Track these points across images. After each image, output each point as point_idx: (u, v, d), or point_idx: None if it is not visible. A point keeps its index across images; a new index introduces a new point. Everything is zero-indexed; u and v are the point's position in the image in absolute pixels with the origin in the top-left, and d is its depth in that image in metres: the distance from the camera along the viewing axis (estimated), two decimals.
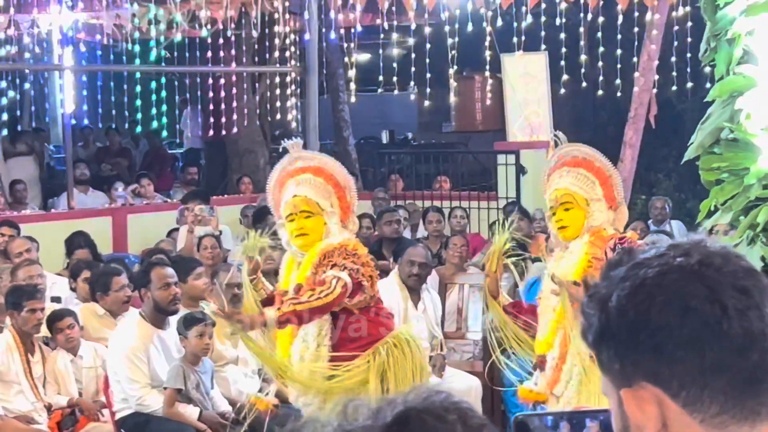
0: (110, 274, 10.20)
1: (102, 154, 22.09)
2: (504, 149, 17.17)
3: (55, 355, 9.19)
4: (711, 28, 5.31)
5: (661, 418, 1.85)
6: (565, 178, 6.98)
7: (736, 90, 5.16)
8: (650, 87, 17.42)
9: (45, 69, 22.71)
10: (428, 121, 26.35)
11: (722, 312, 1.82)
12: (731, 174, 5.23)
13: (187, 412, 8.63)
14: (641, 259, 1.90)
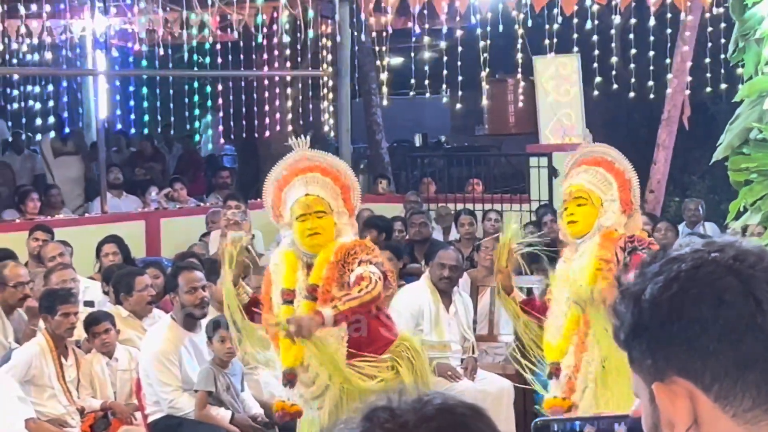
0: (133, 275, 10.23)
1: (135, 159, 22.14)
2: (536, 152, 17.16)
3: (91, 358, 9.22)
4: (739, 28, 5.32)
5: (693, 412, 1.84)
6: (582, 175, 6.93)
7: (765, 90, 5.15)
8: (683, 89, 17.39)
9: (79, 74, 22.79)
10: (461, 125, 26.36)
11: (756, 306, 1.82)
12: (760, 174, 5.22)
13: (219, 415, 8.64)
14: (676, 254, 1.90)
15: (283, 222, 7.30)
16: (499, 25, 16.09)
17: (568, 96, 17.02)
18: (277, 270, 7.30)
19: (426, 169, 20.73)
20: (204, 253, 12.90)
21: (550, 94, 17.11)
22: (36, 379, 8.75)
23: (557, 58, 17.05)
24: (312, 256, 7.19)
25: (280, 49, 18.80)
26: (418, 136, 26.47)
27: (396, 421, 1.62)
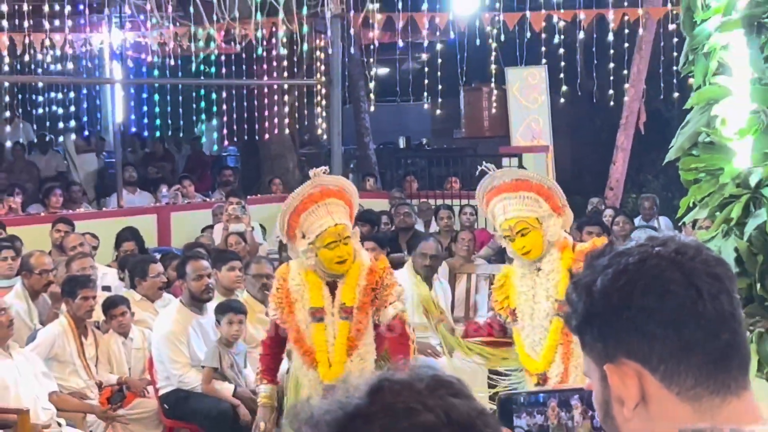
0: (147, 262, 10.24)
1: (148, 159, 22.14)
2: (508, 153, 17.16)
3: (108, 337, 9.22)
4: (689, 43, 5.31)
5: (641, 390, 1.85)
6: (512, 207, 6.63)
7: (712, 98, 5.15)
8: (640, 97, 17.43)
9: (97, 82, 22.78)
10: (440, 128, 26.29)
11: (697, 295, 1.83)
12: (708, 174, 5.22)
13: (222, 389, 8.64)
14: (623, 249, 1.91)
15: (298, 244, 7.04)
16: (476, 40, 16.10)
17: (537, 103, 17.03)
18: (300, 290, 7.05)
19: (409, 169, 20.69)
20: (210, 243, 12.89)
21: (521, 102, 17.13)
22: (59, 356, 8.75)
23: (527, 69, 17.08)
24: (333, 275, 7.04)
25: (278, 61, 18.79)
26: (402, 139, 26.40)
27: (411, 388, 1.62)
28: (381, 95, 21.66)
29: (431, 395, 1.61)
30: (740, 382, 1.86)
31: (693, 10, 5.28)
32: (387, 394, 1.61)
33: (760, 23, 5.03)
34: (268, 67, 19.01)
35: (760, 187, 5.03)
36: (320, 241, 6.87)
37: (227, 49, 19.11)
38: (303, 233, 6.92)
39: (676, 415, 1.84)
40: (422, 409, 1.58)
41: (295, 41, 17.01)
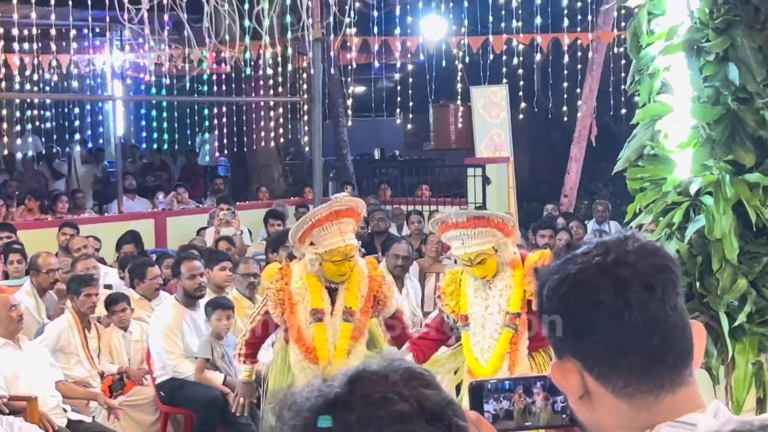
0: (146, 265, 10.20)
1: (146, 168, 22.10)
2: (473, 163, 17.18)
3: (110, 331, 9.19)
4: (636, 65, 5.32)
5: (584, 385, 1.86)
6: (471, 242, 6.54)
7: (656, 115, 5.16)
8: (591, 113, 17.47)
9: (100, 99, 22.73)
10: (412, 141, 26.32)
11: (625, 305, 1.82)
12: (652, 183, 5.23)
13: (214, 378, 8.63)
14: (571, 255, 1.90)
15: (306, 250, 6.96)
16: (443, 61, 16.12)
17: (499, 119, 17.06)
18: (302, 292, 7.00)
19: (383, 178, 20.69)
20: (203, 245, 12.86)
21: (484, 117, 17.15)
22: (64, 348, 8.72)
23: (489, 88, 17.11)
24: (333, 282, 7.02)
25: (264, 80, 18.74)
26: (377, 151, 26.40)
27: (387, 379, 1.62)
28: (358, 111, 21.63)
29: (405, 386, 1.60)
30: (675, 379, 1.84)
31: (639, 35, 5.30)
32: (365, 385, 1.60)
33: (699, 47, 5.05)
34: (256, 85, 18.99)
35: (699, 195, 5.05)
36: (328, 255, 6.85)
37: (218, 69, 19.08)
38: (312, 242, 6.92)
39: (614, 409, 1.85)
40: (398, 398, 1.58)
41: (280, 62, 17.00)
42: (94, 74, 21.28)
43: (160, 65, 18.63)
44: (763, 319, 5.09)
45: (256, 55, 17.36)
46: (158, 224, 15.96)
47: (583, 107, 17.45)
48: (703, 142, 5.05)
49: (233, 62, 16.17)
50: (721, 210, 4.95)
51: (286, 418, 1.61)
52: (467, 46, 16.54)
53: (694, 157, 5.09)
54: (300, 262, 7.04)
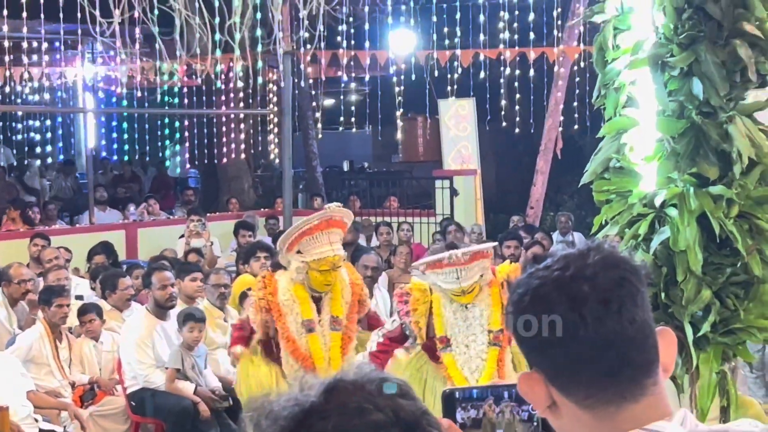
0: (117, 276, 10.14)
1: (117, 180, 22.01)
2: (441, 176, 17.19)
3: (81, 341, 9.13)
4: (602, 79, 5.34)
5: (549, 397, 1.86)
6: (467, 276, 6.51)
7: (621, 128, 5.18)
8: (557, 126, 17.52)
9: (71, 111, 22.65)
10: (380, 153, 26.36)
11: (581, 320, 1.81)
12: (618, 195, 5.25)
13: (184, 388, 8.58)
14: (534, 269, 1.90)
15: (292, 258, 7.04)
16: (412, 74, 16.14)
17: (466, 131, 17.08)
18: (290, 304, 7.04)
19: (352, 189, 20.70)
20: (173, 256, 12.80)
21: (451, 130, 17.17)
22: (36, 359, 8.66)
23: (457, 101, 17.13)
24: (317, 291, 7.08)
25: (235, 93, 18.73)
26: (346, 163, 26.43)
27: (362, 389, 1.61)
28: (327, 124, 21.64)
29: (381, 396, 1.60)
30: (635, 390, 1.84)
31: (605, 50, 5.32)
32: (340, 394, 1.60)
33: (664, 62, 5.07)
34: (226, 98, 18.96)
35: (663, 207, 5.07)
36: (316, 264, 6.90)
37: (189, 82, 19.04)
38: (299, 250, 6.92)
39: (578, 419, 1.85)
40: (373, 408, 1.57)
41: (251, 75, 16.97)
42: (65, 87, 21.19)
43: (131, 78, 18.56)
44: (727, 329, 5.11)
45: (226, 68, 17.33)
46: (129, 235, 15.89)
47: (549, 120, 17.51)
48: (668, 155, 5.07)
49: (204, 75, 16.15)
50: (685, 222, 4.97)
51: (263, 426, 1.60)
52: (436, 60, 16.58)
53: (659, 170, 5.11)
54: (285, 273, 7.04)
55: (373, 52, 17.22)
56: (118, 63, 17.50)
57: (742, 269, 5.07)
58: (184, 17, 7.72)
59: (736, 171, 4.99)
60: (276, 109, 18.83)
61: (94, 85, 19.49)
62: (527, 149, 20.57)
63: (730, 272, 5.07)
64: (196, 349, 8.68)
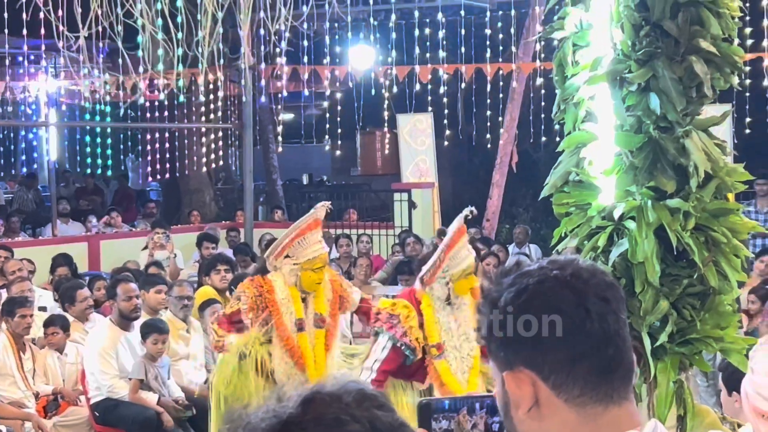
0: (75, 288, 10.05)
1: (80, 193, 21.87)
2: (399, 188, 17.18)
3: (45, 352, 9.06)
4: (561, 94, 5.34)
5: (535, 396, 1.85)
6: (467, 251, 6.73)
7: (581, 142, 5.18)
8: (512, 140, 17.57)
9: (34, 125, 22.47)
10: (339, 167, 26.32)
11: (586, 314, 1.83)
12: (577, 208, 5.25)
13: (148, 398, 8.54)
14: (526, 270, 1.91)
15: (283, 263, 7.06)
16: (371, 89, 16.13)
17: (424, 145, 17.09)
18: (287, 303, 7.02)
19: (312, 202, 20.47)
20: (136, 268, 12.71)
21: (410, 144, 17.17)
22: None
23: (415, 116, 17.14)
24: (305, 291, 7.09)
25: (197, 107, 18.66)
26: (306, 176, 26.40)
27: (340, 400, 1.59)
28: (287, 137, 21.58)
29: (358, 407, 1.58)
30: (622, 392, 1.87)
31: (564, 66, 5.32)
32: (318, 405, 1.57)
33: (622, 78, 5.08)
34: (189, 112, 18.88)
35: (622, 219, 5.07)
36: (309, 264, 6.96)
37: (152, 96, 18.93)
38: (288, 255, 6.94)
39: (563, 419, 1.85)
40: (350, 420, 1.55)
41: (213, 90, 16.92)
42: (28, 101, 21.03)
43: (94, 92, 18.44)
44: (684, 339, 5.12)
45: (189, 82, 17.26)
46: (92, 247, 15.77)
47: (505, 135, 17.56)
48: (626, 169, 5.08)
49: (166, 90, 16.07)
50: (643, 234, 4.98)
51: None
52: (394, 75, 16.60)
53: (617, 184, 5.11)
54: (277, 275, 7.03)
55: (333, 68, 17.21)
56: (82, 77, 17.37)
57: (699, 280, 5.08)
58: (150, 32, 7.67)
59: (692, 184, 5.01)
60: (237, 122, 18.77)
61: (58, 100, 19.34)
62: (483, 163, 20.63)
63: (687, 283, 5.08)
64: (160, 360, 8.62)
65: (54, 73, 18.59)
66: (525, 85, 17.25)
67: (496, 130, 17.38)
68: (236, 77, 17.96)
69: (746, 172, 5.25)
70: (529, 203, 20.83)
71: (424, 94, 16.64)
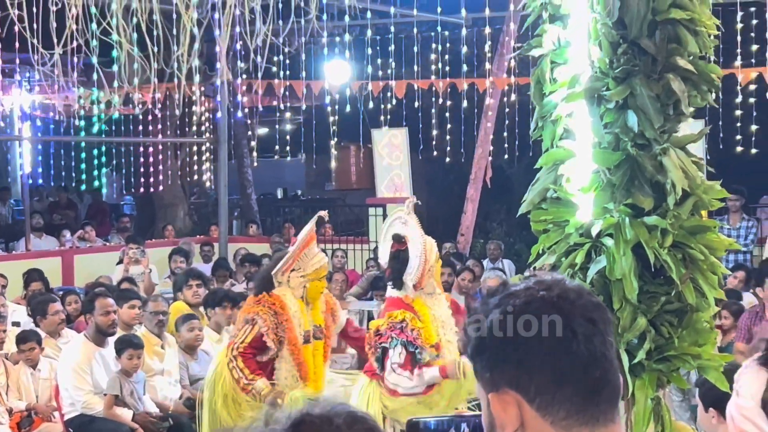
0: (47, 302, 9.97)
1: (53, 207, 21.76)
2: (374, 203, 17.19)
3: (18, 368, 8.99)
4: (539, 111, 5.34)
5: (520, 417, 1.83)
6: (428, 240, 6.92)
7: (558, 159, 5.18)
8: (487, 155, 17.59)
9: (8, 139, 22.29)
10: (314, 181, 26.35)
11: (572, 336, 1.82)
12: (555, 225, 5.24)
13: (123, 414, 8.48)
14: (512, 290, 1.90)
15: (292, 276, 7.09)
16: (346, 104, 16.12)
17: (399, 160, 17.09)
18: (298, 315, 7.06)
19: (287, 216, 20.64)
20: (110, 283, 12.64)
21: (385, 159, 17.17)
22: None
23: (390, 131, 17.15)
24: (310, 302, 7.16)
25: (171, 121, 18.61)
26: (280, 190, 26.38)
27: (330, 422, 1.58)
28: (262, 152, 21.56)
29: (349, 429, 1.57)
30: (608, 415, 1.85)
31: (542, 83, 5.31)
32: (308, 428, 1.56)
33: (600, 95, 5.08)
34: (163, 126, 18.83)
35: (600, 236, 5.06)
36: (316, 273, 7.06)
37: (126, 110, 18.87)
38: (293, 269, 6.99)
39: None
40: None
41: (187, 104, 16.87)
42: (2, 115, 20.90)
43: (68, 106, 18.36)
44: (661, 356, 5.11)
45: (163, 96, 17.20)
46: (65, 262, 15.69)
47: (479, 150, 17.57)
48: (604, 186, 5.07)
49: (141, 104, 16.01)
50: (621, 251, 4.97)
51: None
52: (370, 90, 16.60)
53: (595, 201, 5.10)
54: (286, 289, 7.03)
55: (309, 83, 17.20)
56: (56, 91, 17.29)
57: (676, 298, 5.08)
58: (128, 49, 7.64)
59: (670, 202, 5.00)
60: (212, 137, 18.72)
61: (31, 114, 19.24)
62: (458, 178, 20.64)
63: (665, 300, 5.07)
64: (135, 375, 8.57)
65: (28, 87, 18.48)
66: (499, 101, 17.29)
67: (471, 146, 17.40)
68: (211, 92, 17.93)
69: (723, 190, 5.26)
70: (503, 218, 20.87)
71: (399, 109, 16.65)
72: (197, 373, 9.47)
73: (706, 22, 5.13)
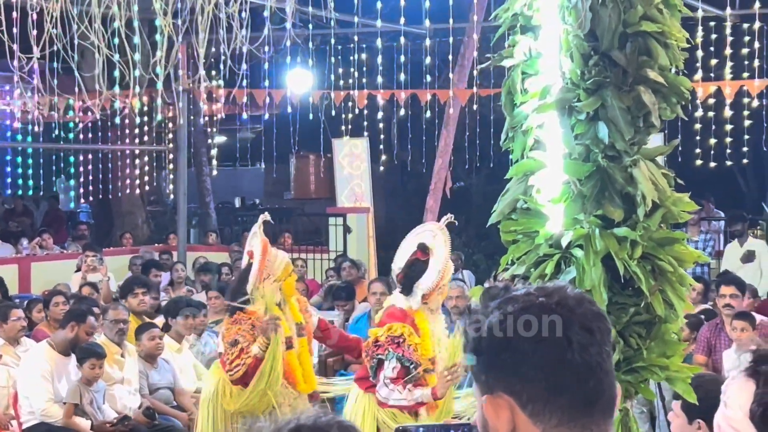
0: (10, 307, 9.85)
1: (9, 214, 21.58)
2: (334, 213, 17.18)
3: None
4: (510, 122, 5.34)
5: (512, 422, 1.82)
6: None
7: (528, 170, 5.19)
8: (446, 166, 17.62)
9: None
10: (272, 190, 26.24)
11: (568, 344, 1.81)
12: (525, 235, 5.24)
13: (82, 423, 8.40)
14: (512, 295, 1.89)
15: (266, 284, 7.10)
16: (308, 113, 16.10)
17: (359, 170, 17.08)
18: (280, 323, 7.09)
19: (245, 226, 20.50)
20: (67, 291, 12.51)
21: (345, 168, 17.16)
22: None
23: (351, 140, 17.15)
24: (282, 302, 7.18)
25: (131, 128, 18.49)
26: (238, 199, 26.29)
27: None
28: (221, 160, 21.49)
29: None
30: (601, 425, 1.85)
31: (513, 94, 5.32)
32: None
33: (571, 106, 5.09)
34: (122, 134, 18.71)
35: (569, 247, 5.07)
36: (285, 272, 7.14)
37: (85, 117, 18.74)
38: (266, 276, 7.01)
39: None
40: None
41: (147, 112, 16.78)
42: None
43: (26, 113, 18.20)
44: (630, 367, 5.13)
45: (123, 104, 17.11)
46: (22, 270, 15.55)
47: (439, 160, 17.59)
48: (574, 197, 5.08)
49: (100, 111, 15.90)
50: (590, 262, 4.98)
51: None
52: (331, 99, 16.59)
53: (565, 212, 5.11)
54: (259, 303, 7.04)
55: (270, 91, 17.16)
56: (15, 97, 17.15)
57: (645, 309, 5.10)
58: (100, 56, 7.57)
59: (640, 213, 5.02)
60: (171, 145, 18.62)
61: None
62: (417, 188, 20.65)
63: (634, 312, 5.09)
64: (95, 384, 8.48)
65: None
66: (460, 112, 17.33)
67: (431, 156, 17.42)
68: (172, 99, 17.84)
69: (692, 202, 5.28)
70: (462, 228, 20.89)
71: (360, 119, 16.65)
72: (156, 382, 9.39)
73: (676, 34, 5.15)
